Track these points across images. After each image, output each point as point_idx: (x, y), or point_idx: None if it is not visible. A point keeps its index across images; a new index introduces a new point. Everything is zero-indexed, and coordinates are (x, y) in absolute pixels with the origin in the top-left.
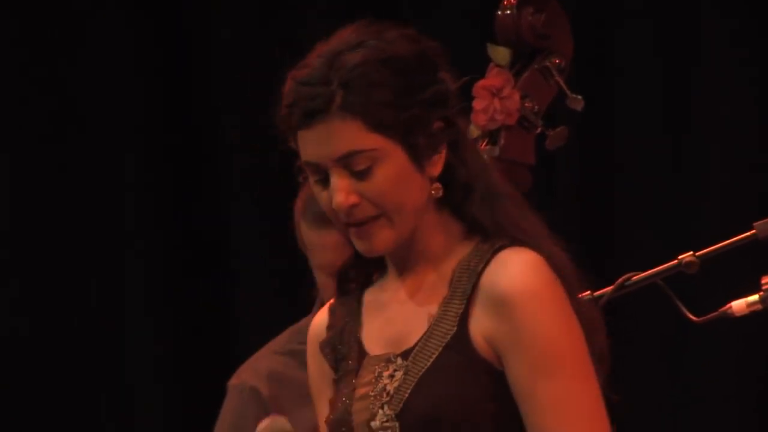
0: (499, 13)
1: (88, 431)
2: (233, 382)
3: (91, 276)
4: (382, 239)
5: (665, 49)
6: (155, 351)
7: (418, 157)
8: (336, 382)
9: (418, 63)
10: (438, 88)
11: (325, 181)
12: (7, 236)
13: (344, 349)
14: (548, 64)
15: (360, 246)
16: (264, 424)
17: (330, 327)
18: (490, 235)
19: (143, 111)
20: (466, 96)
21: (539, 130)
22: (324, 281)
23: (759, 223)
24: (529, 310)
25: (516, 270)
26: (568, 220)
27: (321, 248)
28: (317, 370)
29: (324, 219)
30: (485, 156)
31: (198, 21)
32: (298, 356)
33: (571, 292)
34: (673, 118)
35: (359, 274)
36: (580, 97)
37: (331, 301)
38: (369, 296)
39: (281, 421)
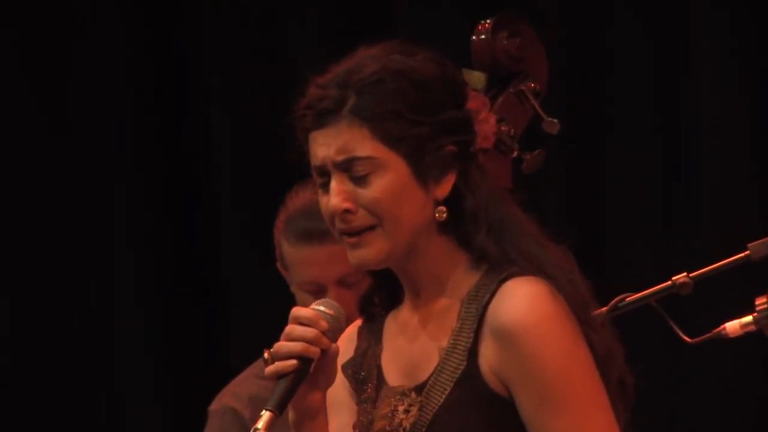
0: (474, 37)
1: None
2: (213, 407)
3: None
4: (374, 251)
5: (659, 68)
6: (146, 360)
7: (423, 175)
8: (357, 404)
9: (440, 85)
10: (457, 114)
11: (327, 186)
12: None
13: (365, 374)
14: (523, 87)
15: (352, 257)
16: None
17: (356, 348)
18: (498, 265)
19: (134, 120)
20: None
21: (515, 153)
22: (304, 299)
23: (753, 244)
24: (533, 342)
25: (519, 301)
26: (558, 240)
27: (301, 264)
28: (335, 386)
29: (305, 235)
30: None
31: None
32: None
33: (585, 322)
34: (666, 138)
35: (382, 298)
36: (555, 120)
37: (359, 321)
38: (390, 321)
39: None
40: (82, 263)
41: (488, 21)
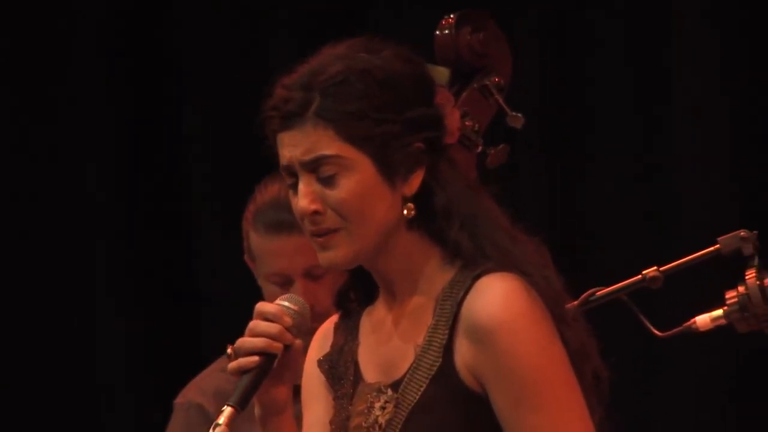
0: (438, 32)
1: None
2: (179, 400)
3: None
4: (341, 252)
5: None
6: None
7: (390, 173)
8: (334, 400)
9: (407, 82)
10: (426, 111)
11: (296, 187)
12: None
13: (341, 369)
14: (487, 82)
15: (321, 258)
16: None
17: (333, 344)
18: (473, 261)
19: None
20: None
21: (480, 148)
22: (271, 291)
23: (723, 237)
24: (507, 339)
25: (493, 297)
26: (531, 234)
27: (269, 255)
28: (310, 380)
29: (273, 226)
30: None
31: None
32: None
33: (559, 318)
34: (643, 130)
35: (358, 293)
36: (519, 114)
37: (336, 317)
38: (366, 317)
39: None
40: (59, 262)
41: (452, 16)
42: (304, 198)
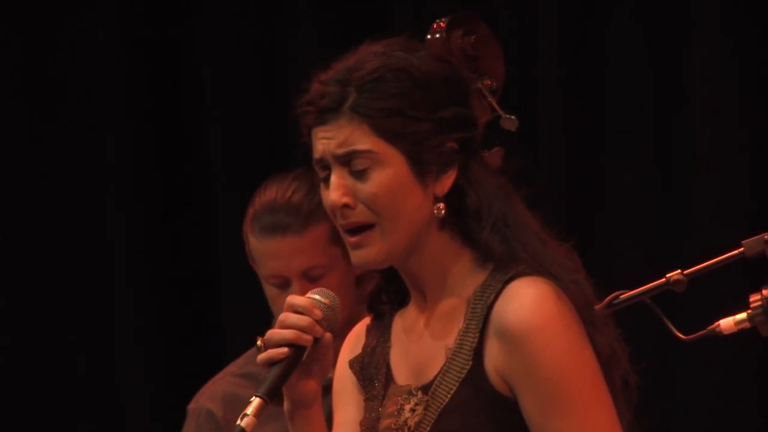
0: (429, 36)
1: None
2: (192, 406)
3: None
4: (374, 251)
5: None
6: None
7: (422, 171)
8: (365, 401)
9: (442, 82)
10: (461, 111)
11: (328, 180)
12: None
13: (373, 371)
14: (480, 85)
15: (353, 257)
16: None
17: (364, 346)
18: (504, 264)
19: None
20: None
21: None
22: (272, 294)
23: (747, 241)
24: (538, 344)
25: (524, 302)
26: (561, 239)
27: (265, 257)
28: (341, 381)
29: (268, 229)
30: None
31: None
32: (254, 378)
33: (589, 322)
34: (662, 134)
35: (390, 295)
36: (513, 117)
37: (368, 319)
38: (398, 319)
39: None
40: (79, 263)
41: (443, 20)
42: (335, 191)
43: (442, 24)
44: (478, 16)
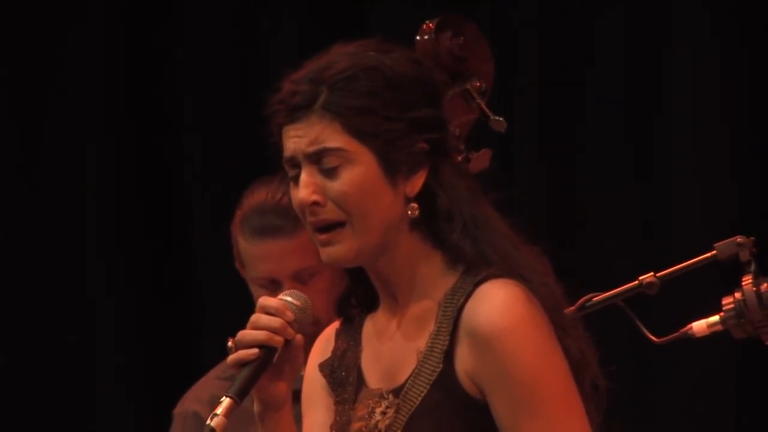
0: (418, 38)
1: None
2: (177, 410)
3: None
4: (344, 248)
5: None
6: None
7: (392, 171)
8: (335, 404)
9: (414, 83)
10: (432, 113)
11: (298, 179)
12: None
13: (343, 374)
14: (469, 87)
15: (323, 255)
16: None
17: (334, 350)
18: (475, 266)
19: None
20: None
21: (462, 153)
22: (261, 296)
23: (719, 243)
24: (508, 346)
25: (494, 304)
26: (531, 242)
27: (255, 260)
28: (311, 384)
29: (259, 231)
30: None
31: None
32: None
33: (559, 325)
34: (637, 133)
35: (359, 299)
36: (501, 118)
37: (337, 323)
38: (369, 322)
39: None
40: (55, 265)
41: (432, 21)
42: (305, 188)
43: (431, 25)
44: (468, 18)
